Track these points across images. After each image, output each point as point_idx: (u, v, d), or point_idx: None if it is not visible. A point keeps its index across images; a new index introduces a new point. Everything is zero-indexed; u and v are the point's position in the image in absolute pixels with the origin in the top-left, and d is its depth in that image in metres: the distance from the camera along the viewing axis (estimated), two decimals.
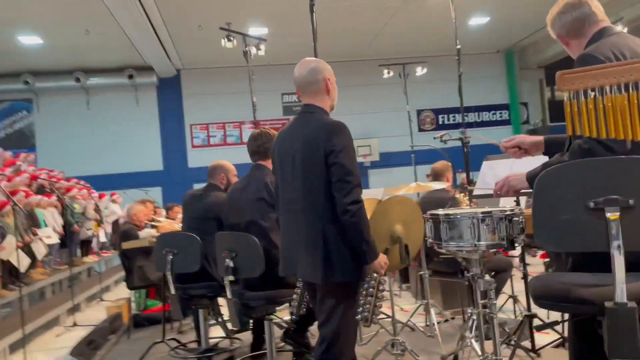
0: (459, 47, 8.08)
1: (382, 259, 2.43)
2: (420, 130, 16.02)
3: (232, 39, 7.79)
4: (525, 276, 3.58)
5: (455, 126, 16.28)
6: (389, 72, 12.39)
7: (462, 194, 4.76)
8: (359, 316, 2.39)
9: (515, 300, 4.40)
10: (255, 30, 11.75)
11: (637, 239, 1.54)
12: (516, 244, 2.19)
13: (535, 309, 3.40)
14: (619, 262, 1.54)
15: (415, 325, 4.42)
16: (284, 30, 12.43)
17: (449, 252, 2.33)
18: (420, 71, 12.05)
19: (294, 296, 2.78)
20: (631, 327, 1.53)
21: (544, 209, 1.65)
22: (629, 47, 1.94)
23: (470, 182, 3.67)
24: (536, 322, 3.58)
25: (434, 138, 3.60)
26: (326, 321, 2.42)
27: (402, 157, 14.16)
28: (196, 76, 15.49)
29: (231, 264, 3.06)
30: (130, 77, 14.77)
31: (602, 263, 1.68)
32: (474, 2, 12.09)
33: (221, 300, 4.29)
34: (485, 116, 16.66)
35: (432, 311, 3.89)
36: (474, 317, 3.31)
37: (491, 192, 3.49)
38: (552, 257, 4.66)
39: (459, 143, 3.84)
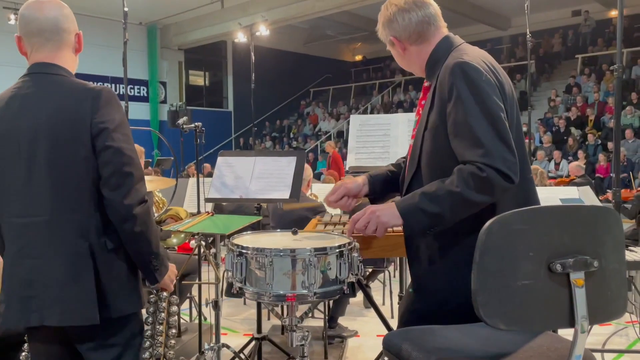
0: (126, 9, 7.02)
1: (172, 270, 1.79)
2: None
3: None
4: None
5: None
6: (17, 19, 10.08)
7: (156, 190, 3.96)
8: (147, 354, 1.69)
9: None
10: None
11: (599, 309, 1.24)
12: (356, 288, 1.68)
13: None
14: (581, 341, 1.21)
15: None
16: None
17: (259, 299, 1.62)
18: None
19: None
20: None
21: (496, 270, 1.20)
22: (490, 60, 1.69)
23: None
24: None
25: (177, 123, 2.78)
26: None
27: None
28: None
29: None
30: None
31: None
32: None
33: None
34: (123, 90, 15.59)
35: None
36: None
37: (236, 196, 2.91)
38: None
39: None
